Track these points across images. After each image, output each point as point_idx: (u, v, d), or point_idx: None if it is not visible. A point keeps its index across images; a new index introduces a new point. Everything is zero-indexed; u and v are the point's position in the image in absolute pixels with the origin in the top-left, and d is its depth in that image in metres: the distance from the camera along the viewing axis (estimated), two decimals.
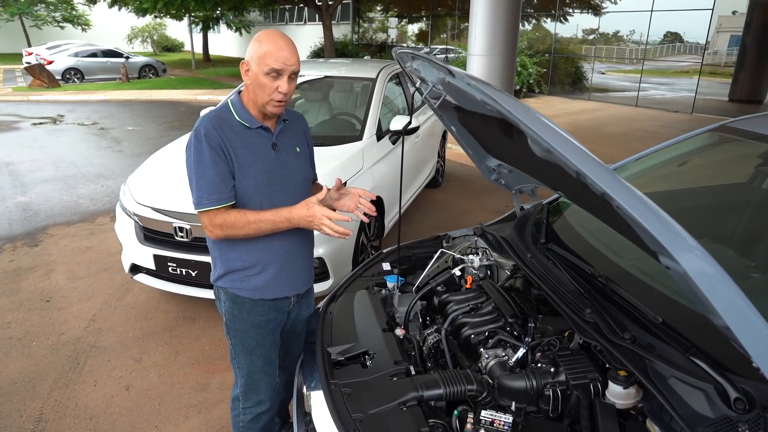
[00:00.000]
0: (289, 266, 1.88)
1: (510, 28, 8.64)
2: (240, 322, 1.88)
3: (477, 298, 1.95)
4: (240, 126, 1.72)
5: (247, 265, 1.82)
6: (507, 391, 1.53)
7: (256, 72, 1.64)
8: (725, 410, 1.24)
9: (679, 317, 1.56)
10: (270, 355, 1.96)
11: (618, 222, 1.16)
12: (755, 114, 2.30)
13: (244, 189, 1.72)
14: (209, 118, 1.71)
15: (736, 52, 13.64)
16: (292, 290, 1.92)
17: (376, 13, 23.18)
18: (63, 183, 6.46)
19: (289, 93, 1.68)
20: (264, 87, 1.65)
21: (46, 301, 3.71)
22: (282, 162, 1.80)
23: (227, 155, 1.68)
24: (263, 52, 1.62)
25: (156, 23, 32.37)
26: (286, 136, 1.83)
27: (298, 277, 1.94)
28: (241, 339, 1.91)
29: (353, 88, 4.69)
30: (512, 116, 1.06)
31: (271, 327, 1.93)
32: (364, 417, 1.46)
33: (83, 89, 15.59)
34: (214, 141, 1.66)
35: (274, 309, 1.90)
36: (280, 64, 1.61)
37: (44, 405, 2.70)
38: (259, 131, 1.75)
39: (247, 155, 1.71)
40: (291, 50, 1.65)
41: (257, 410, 1.99)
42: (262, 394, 1.98)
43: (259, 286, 1.84)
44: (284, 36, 1.67)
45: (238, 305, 1.87)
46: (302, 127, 1.95)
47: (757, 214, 2.31)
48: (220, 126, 1.69)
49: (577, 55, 16.13)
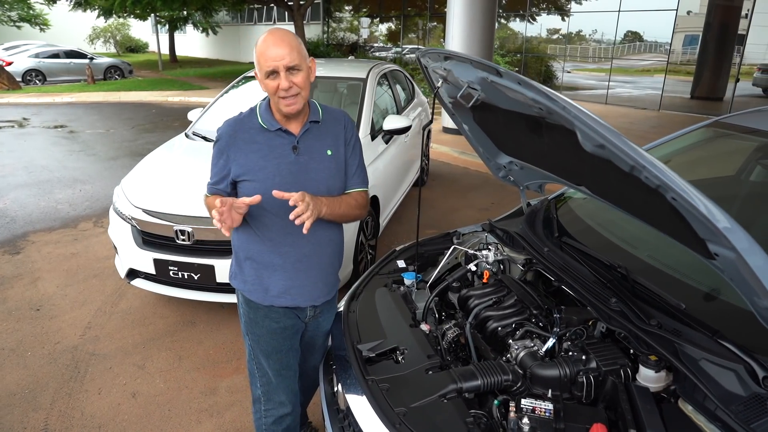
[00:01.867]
0: (301, 275, 1.82)
1: (486, 28, 8.79)
2: (255, 327, 1.87)
3: (498, 292, 2.00)
4: (259, 128, 1.74)
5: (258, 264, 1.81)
6: (541, 379, 1.59)
7: (260, 78, 1.67)
8: (755, 388, 1.32)
9: (700, 304, 1.64)
10: (288, 361, 1.92)
11: (659, 214, 1.23)
12: (747, 110, 2.42)
13: (253, 192, 1.63)
14: (230, 121, 1.79)
15: (698, 51, 14.17)
16: (305, 301, 1.86)
17: (347, 13, 23.16)
18: (38, 188, 6.26)
19: (297, 85, 1.64)
20: (269, 89, 1.67)
21: (36, 309, 3.60)
22: (302, 166, 1.74)
23: (231, 159, 1.74)
24: (257, 55, 1.65)
25: (119, 23, 31.52)
26: (314, 138, 1.77)
27: (314, 288, 1.87)
28: (258, 342, 1.89)
29: (343, 88, 4.71)
30: (568, 113, 1.11)
31: (288, 333, 1.88)
32: (407, 411, 1.49)
33: (47, 91, 15.06)
34: (223, 144, 1.76)
35: (290, 316, 1.87)
36: (270, 64, 1.61)
37: (48, 416, 2.63)
38: (278, 133, 1.73)
39: (259, 158, 1.71)
40: (280, 45, 1.61)
41: (280, 412, 1.94)
42: (282, 396, 1.94)
43: (269, 290, 1.81)
44: (278, 32, 1.64)
45: (253, 309, 1.86)
46: (341, 127, 1.84)
47: (746, 206, 2.44)
48: (236, 130, 1.75)
49: (548, 54, 16.49)
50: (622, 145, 1.03)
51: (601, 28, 15.14)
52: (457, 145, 8.24)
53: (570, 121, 1.16)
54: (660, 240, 1.69)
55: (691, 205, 0.97)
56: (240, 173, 1.73)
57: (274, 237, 1.77)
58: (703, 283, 1.70)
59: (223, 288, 3.13)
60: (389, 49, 20.82)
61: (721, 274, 1.25)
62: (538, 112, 1.34)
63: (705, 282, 1.70)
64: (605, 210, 2.19)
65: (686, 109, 12.57)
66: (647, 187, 1.09)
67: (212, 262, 3.05)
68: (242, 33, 27.84)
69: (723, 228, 0.96)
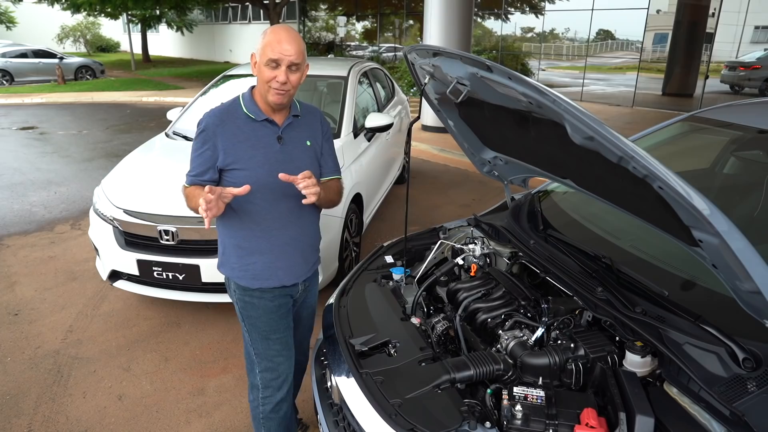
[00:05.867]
0: (288, 256, 1.92)
1: (463, 27, 8.87)
2: (252, 309, 1.93)
3: (486, 285, 2.04)
4: (245, 118, 1.81)
5: (245, 250, 1.88)
6: (531, 368, 1.63)
7: (259, 63, 1.74)
8: (736, 369, 1.38)
9: (682, 291, 1.70)
10: (286, 339, 2.01)
11: (645, 204, 1.27)
12: (721, 104, 2.50)
13: (244, 180, 1.73)
14: (214, 111, 1.83)
15: (668, 49, 14.53)
16: (290, 279, 1.95)
17: (323, 12, 23.06)
18: (10, 191, 6.10)
19: (291, 83, 1.74)
20: (263, 76, 1.73)
21: (14, 314, 3.52)
22: (287, 155, 1.85)
23: (220, 149, 1.78)
24: (264, 43, 1.72)
25: (89, 22, 30.80)
26: (295, 129, 1.89)
27: (298, 267, 1.97)
28: (255, 325, 1.95)
29: (324, 86, 4.71)
30: (558, 106, 1.15)
31: (283, 312, 1.97)
32: (402, 401, 1.52)
33: (15, 92, 14.64)
34: (209, 134, 1.79)
35: (282, 295, 1.96)
36: (277, 54, 1.69)
37: (31, 421, 2.58)
38: (264, 123, 1.82)
39: (248, 148, 1.79)
40: (291, 42, 1.71)
41: (277, 397, 2.01)
42: (282, 376, 2.01)
43: (257, 275, 1.89)
44: (289, 30, 1.76)
45: (247, 293, 1.92)
46: (317, 121, 1.98)
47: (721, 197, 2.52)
48: (223, 120, 1.80)
49: (523, 52, 16.69)
50: (611, 137, 1.07)
51: (574, 27, 15.40)
52: (436, 143, 8.30)
53: (560, 114, 1.19)
54: (642, 230, 1.75)
55: (678, 193, 1.01)
56: (229, 162, 1.78)
57: (263, 222, 1.85)
58: (684, 271, 1.77)
59: (208, 288, 3.11)
60: (366, 47, 20.82)
61: (704, 261, 1.30)
62: (527, 106, 1.37)
63: (686, 270, 1.76)
64: (588, 202, 2.25)
65: (658, 105, 12.88)
66: (634, 177, 1.14)
67: (197, 262, 3.03)
68: (216, 32, 27.51)
69: (708, 216, 1.00)
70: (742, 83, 13.25)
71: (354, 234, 3.91)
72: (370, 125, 4.14)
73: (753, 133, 2.35)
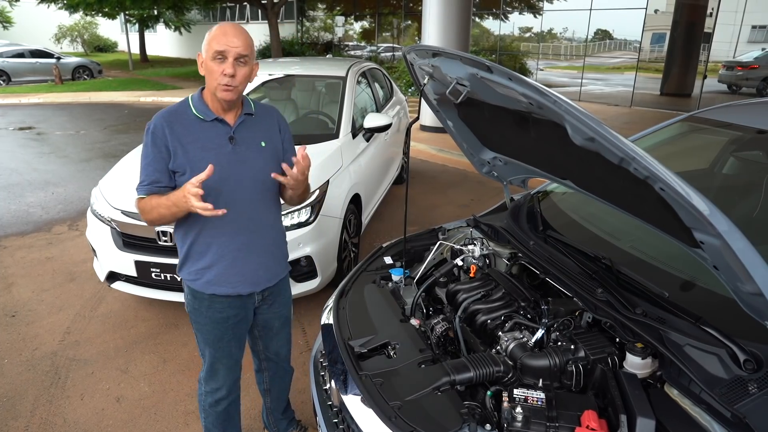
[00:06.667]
0: (240, 262, 1.86)
1: (461, 27, 8.87)
2: (199, 316, 1.92)
3: (486, 286, 2.03)
4: (195, 119, 1.76)
5: (198, 255, 1.85)
6: (531, 370, 1.62)
7: (205, 59, 1.70)
8: (737, 371, 1.38)
9: (682, 292, 1.70)
10: (230, 350, 1.99)
11: (646, 205, 1.27)
12: (720, 105, 2.50)
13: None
14: (162, 113, 1.78)
15: (666, 48, 14.56)
16: (245, 288, 1.90)
17: (321, 12, 23.05)
18: (7, 191, 6.08)
19: (238, 77, 1.69)
20: (211, 71, 1.69)
21: (11, 316, 3.50)
22: (239, 156, 1.79)
23: (171, 152, 1.73)
24: (210, 38, 1.69)
25: (86, 22, 30.74)
26: (248, 129, 1.83)
27: (254, 275, 1.92)
28: (201, 331, 1.95)
29: (322, 86, 4.70)
30: (559, 107, 1.14)
31: (231, 323, 1.94)
32: (402, 404, 1.51)
33: (12, 92, 14.61)
34: (158, 137, 1.73)
35: (234, 306, 1.92)
36: (223, 46, 1.65)
37: (29, 424, 2.57)
38: (214, 123, 1.77)
39: (199, 149, 1.74)
40: (237, 34, 1.68)
41: (216, 396, 2.04)
42: (219, 383, 2.03)
43: (211, 280, 1.86)
44: (235, 25, 1.72)
45: (198, 299, 1.90)
46: (274, 121, 1.94)
47: (720, 197, 2.52)
48: (171, 122, 1.74)
49: (522, 52, 16.70)
50: (612, 138, 1.06)
51: (572, 27, 15.42)
52: (435, 143, 8.30)
53: (560, 115, 1.18)
54: (642, 231, 1.75)
55: (679, 194, 1.01)
56: (179, 165, 1.73)
57: (213, 227, 1.80)
58: (685, 272, 1.76)
59: None
60: (364, 47, 20.81)
61: (705, 263, 1.29)
62: (527, 107, 1.37)
63: (687, 271, 1.76)
64: (588, 203, 2.25)
65: (657, 105, 12.90)
66: (635, 178, 1.13)
67: None
68: None
69: (710, 217, 1.00)
70: (740, 83, 13.28)
71: (353, 234, 3.90)
72: (369, 125, 4.13)
73: (752, 133, 2.35)
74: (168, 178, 1.75)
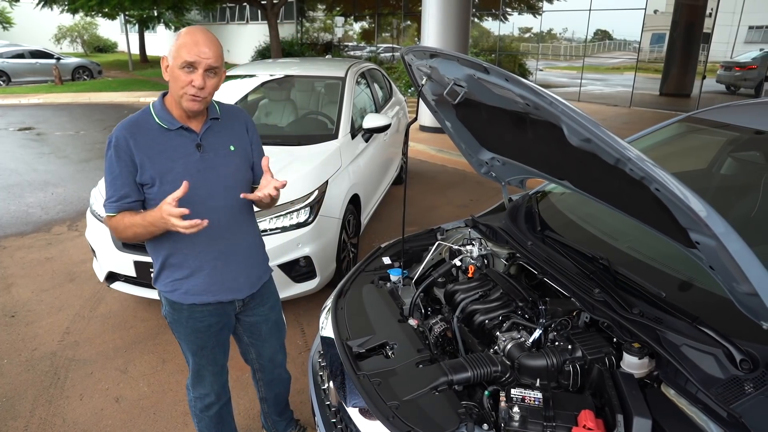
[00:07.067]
0: (219, 271, 1.83)
1: (461, 27, 8.87)
2: (180, 326, 1.88)
3: (484, 286, 2.04)
4: (159, 129, 1.69)
5: (174, 266, 1.79)
6: (529, 370, 1.62)
7: (172, 65, 1.63)
8: (733, 371, 1.38)
9: (679, 292, 1.70)
10: (215, 356, 1.97)
11: (642, 206, 1.27)
12: (718, 105, 2.51)
13: (164, 195, 1.58)
14: (123, 124, 1.69)
15: (665, 49, 14.56)
16: (226, 295, 1.87)
17: (320, 12, 23.06)
18: (6, 192, 6.08)
19: (207, 89, 1.64)
20: (178, 80, 1.62)
21: (11, 316, 3.51)
22: (208, 163, 1.74)
23: (138, 165, 1.66)
24: (179, 44, 1.62)
25: (86, 22, 30.75)
26: (216, 134, 1.78)
27: (234, 282, 1.88)
28: (184, 340, 1.92)
29: (321, 87, 4.70)
30: (555, 108, 1.15)
31: (213, 331, 1.91)
32: (399, 404, 1.51)
33: (12, 92, 14.62)
34: (122, 150, 1.65)
35: (214, 314, 1.88)
36: (194, 56, 1.59)
37: (28, 424, 2.58)
38: (180, 132, 1.70)
39: (166, 160, 1.68)
40: (209, 44, 1.62)
41: (205, 401, 2.04)
42: (207, 389, 2.01)
43: (190, 290, 1.81)
44: (206, 32, 1.67)
45: (177, 311, 1.86)
46: (241, 123, 1.88)
47: (718, 198, 2.53)
48: (134, 133, 1.66)
49: (521, 52, 16.71)
50: (608, 139, 1.07)
51: (572, 27, 15.43)
52: (434, 143, 8.30)
53: (557, 116, 1.19)
54: (640, 231, 1.75)
55: (674, 195, 1.01)
56: (146, 178, 1.67)
57: (187, 237, 1.71)
58: (682, 272, 1.77)
59: None
60: (364, 48, 20.82)
61: (701, 263, 1.30)
62: (524, 107, 1.37)
63: (684, 271, 1.76)
64: (586, 203, 2.25)
65: (656, 105, 12.90)
66: (631, 179, 1.14)
67: None
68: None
69: (705, 218, 1.00)
70: (738, 83, 13.28)
71: (352, 235, 3.91)
72: (368, 126, 4.14)
73: (750, 133, 2.35)
74: (137, 191, 1.69)
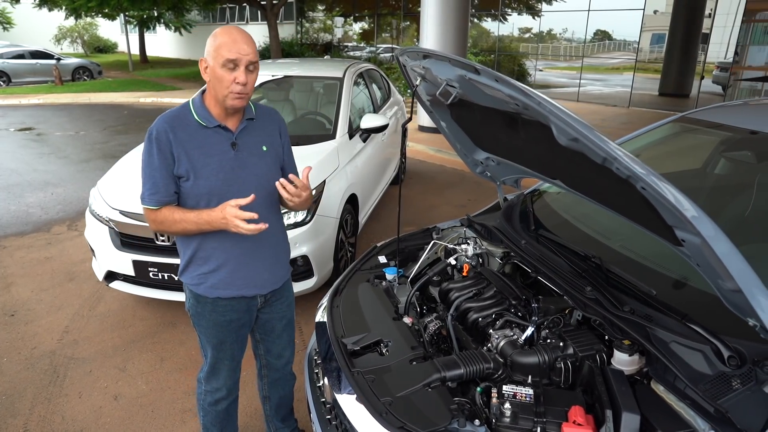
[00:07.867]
0: (244, 267, 1.87)
1: (459, 28, 8.89)
2: (203, 319, 1.92)
3: (478, 284, 2.06)
4: (197, 125, 1.74)
5: (202, 260, 1.84)
6: (521, 366, 1.64)
7: (213, 66, 1.66)
8: (721, 367, 1.40)
9: (669, 290, 1.72)
10: (233, 352, 2.01)
11: (630, 204, 1.29)
12: (711, 105, 2.53)
13: (198, 189, 1.72)
14: (164, 118, 1.74)
15: (664, 49, 14.59)
16: (250, 291, 1.91)
17: (320, 12, 23.08)
18: (7, 192, 6.11)
19: (249, 84, 1.69)
20: (221, 80, 1.65)
21: (10, 315, 3.53)
22: (241, 162, 1.78)
23: (175, 158, 1.70)
24: (218, 44, 1.65)
25: (86, 23, 30.78)
26: (250, 134, 1.83)
27: (258, 278, 1.92)
28: (205, 334, 1.96)
29: (320, 87, 4.72)
30: (543, 108, 1.17)
31: (233, 326, 1.95)
32: (393, 400, 1.53)
33: (12, 93, 14.64)
34: (162, 143, 1.69)
35: (236, 309, 1.92)
36: (235, 54, 1.63)
37: (27, 421, 2.60)
38: (217, 130, 1.75)
39: (201, 156, 1.72)
40: (246, 41, 1.67)
41: (216, 396, 2.06)
42: (221, 383, 2.04)
43: (215, 284, 1.86)
44: (240, 29, 1.70)
45: (201, 303, 1.90)
46: (274, 125, 1.93)
47: (711, 197, 2.55)
48: (174, 127, 1.71)
49: (521, 53, 16.74)
50: (595, 138, 1.09)
51: (571, 27, 15.48)
52: (433, 143, 8.32)
53: (545, 116, 1.21)
54: (631, 230, 1.77)
55: (660, 193, 1.03)
56: (182, 172, 1.72)
57: (218, 233, 1.76)
58: (672, 271, 1.79)
59: None
60: (363, 48, 20.84)
61: (688, 259, 1.32)
62: (515, 108, 1.39)
63: (674, 269, 1.78)
64: (579, 203, 2.27)
65: (655, 105, 12.93)
66: (618, 177, 1.16)
67: None
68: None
69: (690, 216, 1.02)
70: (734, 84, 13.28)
71: (349, 234, 3.93)
72: (366, 126, 4.16)
73: (744, 134, 2.37)
74: (174, 185, 1.73)
